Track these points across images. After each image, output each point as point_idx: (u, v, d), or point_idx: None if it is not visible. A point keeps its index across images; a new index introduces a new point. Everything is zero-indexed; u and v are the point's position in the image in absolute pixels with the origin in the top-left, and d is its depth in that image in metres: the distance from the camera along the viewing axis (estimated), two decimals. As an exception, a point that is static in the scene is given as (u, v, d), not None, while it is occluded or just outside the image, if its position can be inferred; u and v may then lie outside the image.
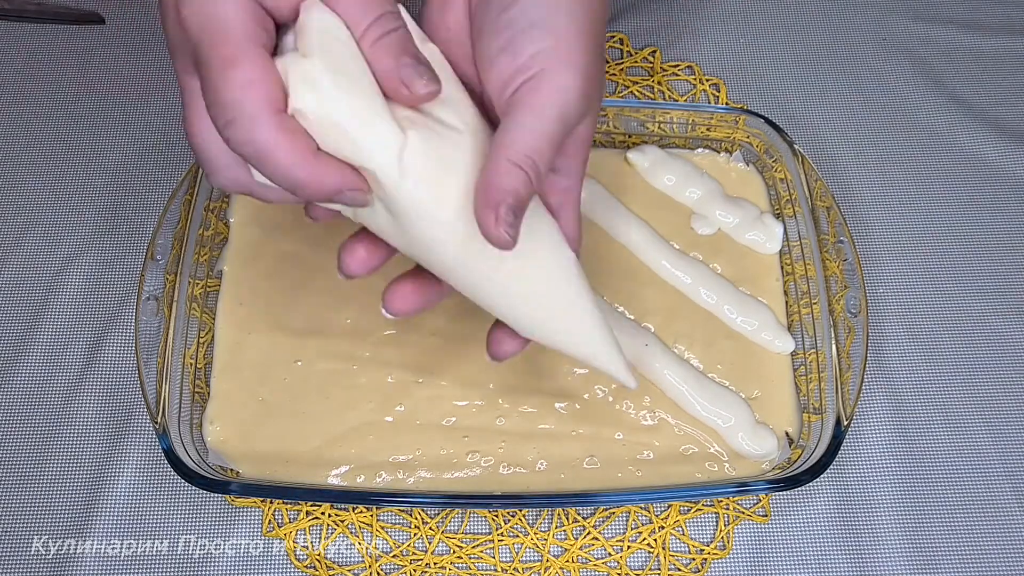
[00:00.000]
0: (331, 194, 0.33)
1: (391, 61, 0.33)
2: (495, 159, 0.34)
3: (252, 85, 0.31)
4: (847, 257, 0.52)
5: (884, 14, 0.69)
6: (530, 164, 0.34)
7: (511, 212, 0.33)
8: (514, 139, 0.34)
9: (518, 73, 0.35)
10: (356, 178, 0.33)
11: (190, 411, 0.51)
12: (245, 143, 0.31)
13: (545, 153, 0.35)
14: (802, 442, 0.52)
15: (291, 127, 0.32)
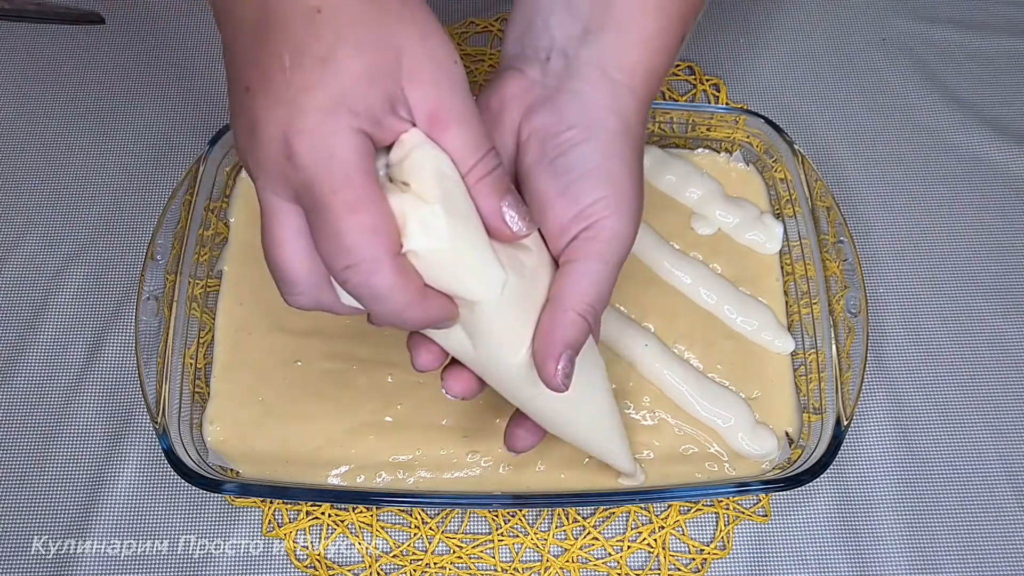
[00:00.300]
0: (430, 325, 0.35)
1: (495, 201, 0.34)
2: (561, 309, 0.37)
3: (376, 232, 0.31)
4: (847, 257, 0.52)
5: (884, 14, 0.69)
6: (592, 313, 0.37)
7: (569, 362, 0.36)
8: (578, 289, 0.37)
9: (578, 220, 0.37)
10: (455, 309, 0.35)
11: (190, 411, 0.51)
12: (363, 286, 0.32)
13: (605, 299, 0.38)
14: (802, 442, 0.52)
15: (406, 269, 0.33)
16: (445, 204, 0.33)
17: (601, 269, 0.37)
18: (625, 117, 0.38)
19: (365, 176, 0.31)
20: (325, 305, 0.35)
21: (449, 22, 0.66)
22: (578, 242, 0.37)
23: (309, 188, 0.31)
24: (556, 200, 0.37)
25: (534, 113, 0.39)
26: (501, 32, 0.66)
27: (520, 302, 0.36)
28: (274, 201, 0.33)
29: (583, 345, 0.37)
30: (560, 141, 0.38)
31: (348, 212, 0.31)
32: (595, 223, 0.37)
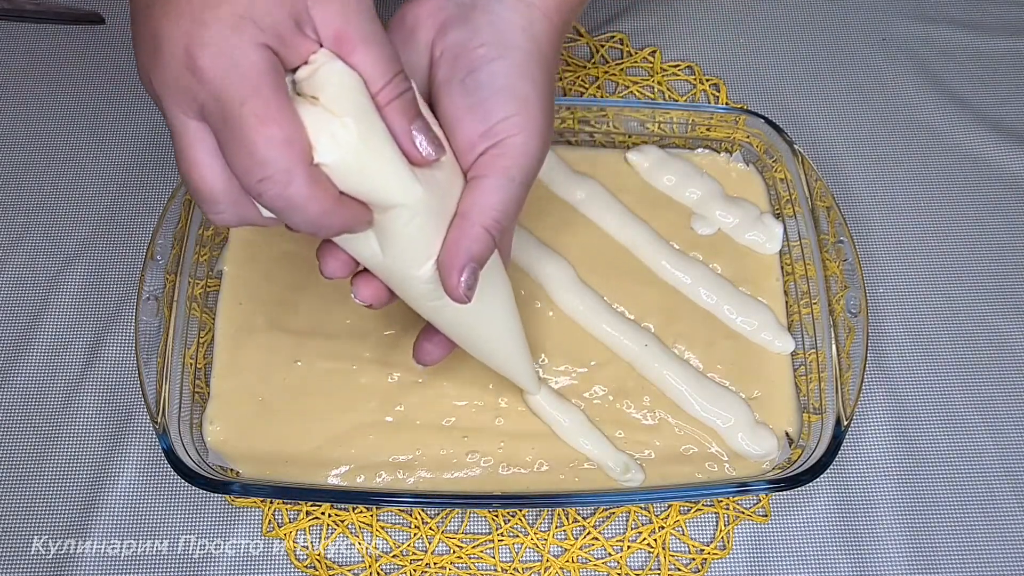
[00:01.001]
0: (346, 230, 0.36)
1: (404, 123, 0.35)
2: (468, 223, 0.37)
3: (288, 144, 0.32)
4: (847, 257, 0.52)
5: (884, 14, 0.69)
6: (497, 228, 0.38)
7: (472, 274, 0.37)
8: (485, 204, 0.38)
9: (486, 137, 0.38)
10: (370, 214, 0.36)
11: (190, 411, 0.51)
12: (278, 198, 0.32)
13: (512, 215, 0.39)
14: (802, 442, 0.52)
15: (319, 179, 0.33)
16: (355, 116, 0.33)
17: (507, 185, 0.38)
18: (537, 39, 0.39)
19: (273, 88, 0.32)
20: (248, 219, 0.35)
21: (449, 22, 0.66)
22: (486, 158, 0.38)
23: (217, 100, 0.31)
24: (466, 116, 0.38)
25: (448, 30, 0.39)
26: (501, 32, 0.66)
27: (430, 214, 0.37)
28: (182, 120, 0.33)
29: (488, 259, 0.38)
30: (472, 58, 0.38)
31: (258, 124, 0.31)
32: (503, 140, 0.38)
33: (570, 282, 0.56)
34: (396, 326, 0.54)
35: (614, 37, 0.66)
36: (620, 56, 0.66)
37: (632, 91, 0.64)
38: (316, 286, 0.55)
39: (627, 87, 0.65)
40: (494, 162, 0.38)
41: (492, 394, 0.53)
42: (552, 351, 0.54)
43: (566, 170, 0.59)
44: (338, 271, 0.39)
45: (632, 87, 0.65)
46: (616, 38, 0.66)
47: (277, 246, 0.56)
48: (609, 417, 0.53)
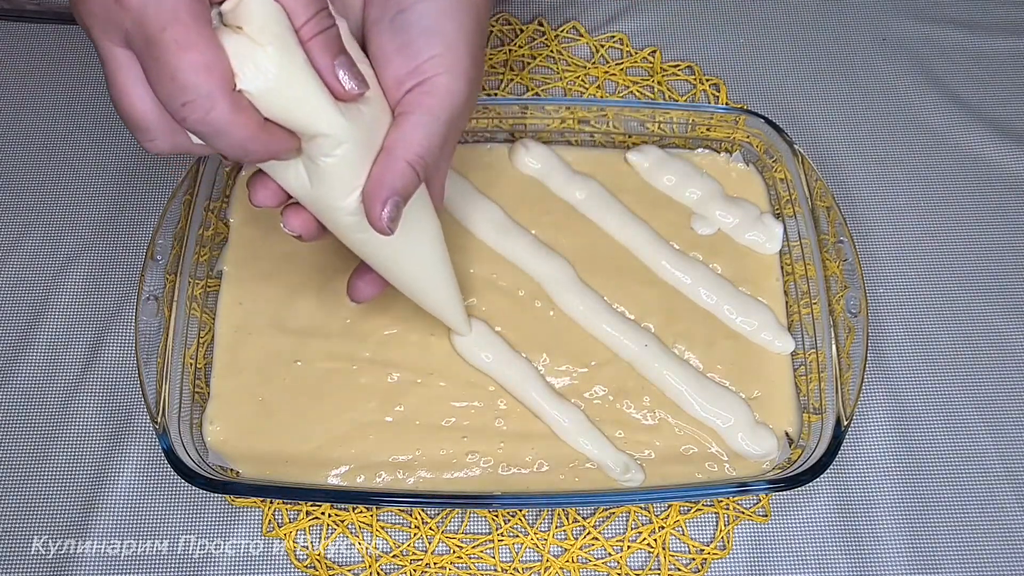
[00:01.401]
0: (273, 156, 0.36)
1: (327, 59, 0.36)
2: (392, 158, 0.39)
3: (209, 69, 0.32)
4: (847, 257, 0.52)
5: (884, 14, 0.69)
6: (421, 164, 0.39)
7: (395, 207, 0.38)
8: (410, 140, 0.39)
9: (412, 75, 0.39)
10: (297, 141, 0.37)
11: (190, 411, 0.51)
12: (202, 122, 0.33)
13: (435, 153, 0.40)
14: (802, 442, 0.52)
15: (243, 104, 0.34)
16: (278, 45, 0.34)
17: (432, 122, 0.39)
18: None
19: (194, 15, 0.32)
20: (181, 147, 0.36)
21: (449, 22, 0.66)
22: (412, 96, 0.39)
23: (139, 27, 0.32)
24: (394, 55, 0.39)
25: None
26: (501, 32, 0.66)
27: (356, 147, 0.38)
28: (109, 48, 0.34)
29: (412, 194, 0.39)
30: None
31: (179, 50, 0.32)
32: (429, 79, 0.39)
33: (570, 282, 0.56)
34: (396, 326, 0.54)
35: (614, 37, 0.66)
36: (620, 56, 0.66)
37: (632, 91, 0.65)
38: (316, 286, 0.55)
39: (627, 87, 0.65)
40: (420, 100, 0.39)
41: (492, 395, 0.53)
42: (552, 351, 0.54)
43: (566, 170, 0.59)
44: (267, 200, 0.40)
45: (632, 87, 0.65)
46: (616, 38, 0.66)
47: (277, 246, 0.56)
48: (609, 417, 0.53)
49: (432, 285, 0.48)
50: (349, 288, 0.49)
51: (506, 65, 0.65)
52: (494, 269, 0.56)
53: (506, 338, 0.54)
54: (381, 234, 0.39)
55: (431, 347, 0.54)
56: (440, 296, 0.48)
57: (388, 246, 0.43)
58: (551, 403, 0.52)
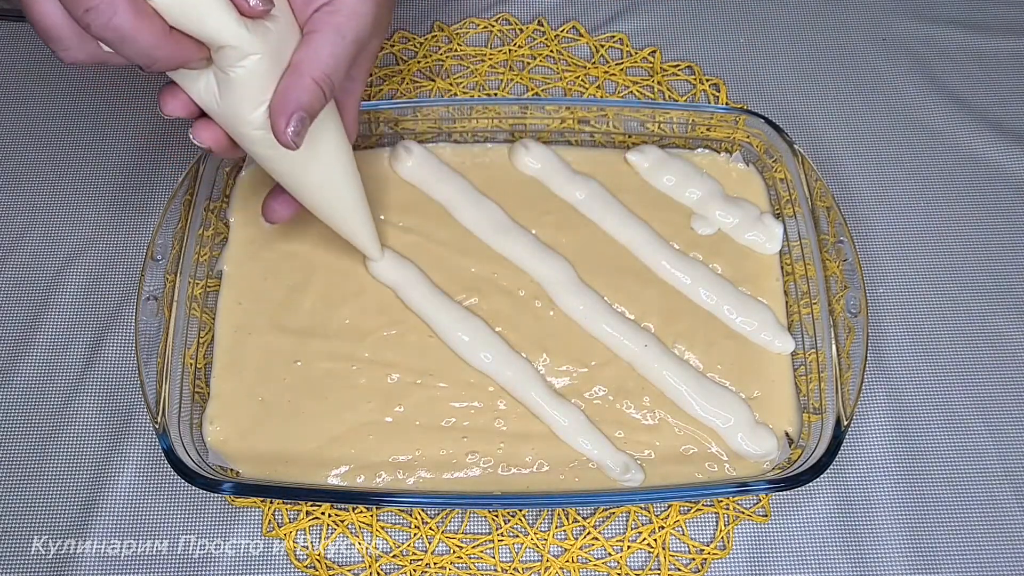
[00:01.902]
0: (181, 64, 0.38)
1: None
2: (298, 74, 0.40)
3: None
4: (847, 257, 0.52)
5: (884, 14, 0.69)
6: (327, 82, 0.40)
7: (300, 122, 0.40)
8: (316, 58, 0.40)
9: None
10: (205, 50, 0.38)
11: (190, 411, 0.51)
12: (106, 28, 0.34)
13: (341, 71, 0.41)
14: (802, 442, 0.52)
15: (146, 11, 0.35)
16: None
17: (339, 41, 0.40)
18: None
19: None
20: (97, 56, 0.37)
21: (449, 22, 0.66)
22: (320, 15, 0.40)
23: None
24: None
25: None
26: (501, 32, 0.66)
27: (264, 62, 0.39)
28: None
29: (318, 111, 0.40)
30: None
31: None
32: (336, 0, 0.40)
33: (570, 282, 0.56)
34: (396, 326, 0.54)
35: (614, 37, 0.66)
36: (620, 56, 0.66)
37: (632, 91, 0.65)
38: (316, 286, 0.55)
39: (627, 87, 0.65)
40: (327, 19, 0.40)
41: (491, 395, 0.53)
42: (552, 351, 0.54)
43: (566, 170, 0.59)
44: (177, 110, 0.41)
45: (632, 87, 0.65)
46: (616, 38, 0.66)
47: (277, 246, 0.56)
48: (609, 417, 0.53)
49: (341, 207, 0.49)
50: (264, 208, 0.50)
51: (506, 65, 0.65)
52: (494, 269, 0.56)
53: (506, 338, 0.54)
54: (286, 148, 0.40)
55: (431, 347, 0.54)
56: (350, 218, 0.49)
57: (296, 164, 0.44)
58: (551, 403, 0.52)
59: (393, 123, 0.58)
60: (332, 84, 0.41)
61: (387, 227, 0.57)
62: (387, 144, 0.59)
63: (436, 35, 0.66)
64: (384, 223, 0.57)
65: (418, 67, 0.64)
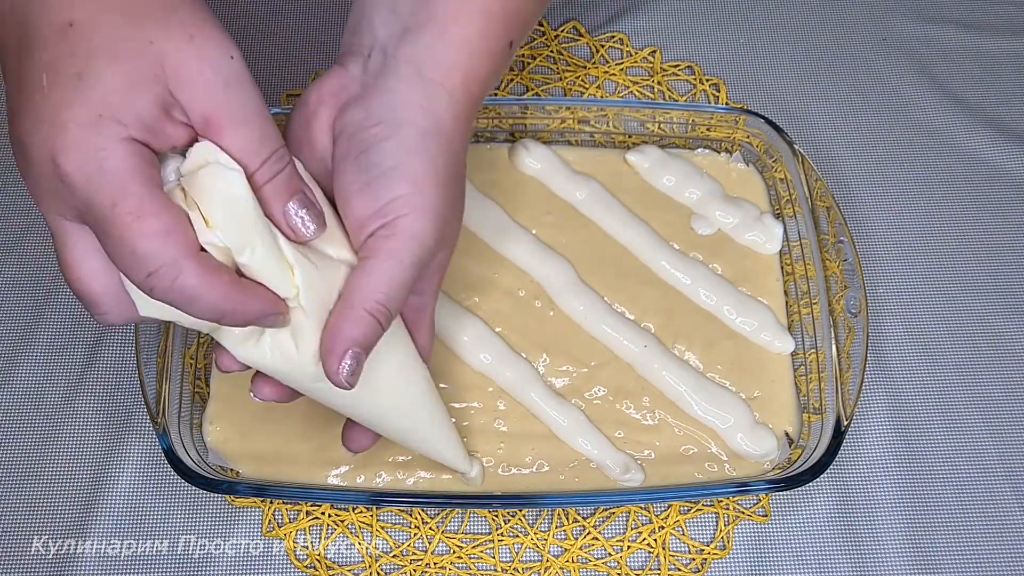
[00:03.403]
0: (256, 319, 0.35)
1: (281, 204, 0.35)
2: (349, 305, 0.36)
3: (169, 235, 0.31)
4: (847, 257, 0.52)
5: (884, 14, 0.69)
6: (382, 312, 0.36)
7: (355, 359, 0.36)
8: (369, 286, 0.36)
9: (376, 217, 0.37)
10: (277, 300, 0.35)
11: (190, 411, 0.51)
12: (171, 291, 0.32)
13: (398, 299, 0.37)
14: (802, 442, 0.52)
15: (212, 265, 0.33)
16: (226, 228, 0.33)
17: (395, 267, 0.37)
18: (437, 117, 0.38)
19: (144, 183, 0.31)
20: (136, 318, 0.35)
21: (449, 22, 0.66)
22: (375, 239, 0.37)
23: (89, 206, 0.31)
24: (357, 195, 0.37)
25: (348, 108, 0.38)
26: (501, 32, 0.66)
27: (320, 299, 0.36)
28: (60, 223, 0.33)
29: (373, 344, 0.37)
30: (366, 136, 0.37)
31: (134, 221, 0.31)
32: (393, 221, 0.37)
33: (570, 282, 0.56)
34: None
35: (614, 37, 0.66)
36: (620, 56, 0.66)
37: (632, 91, 0.65)
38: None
39: (627, 87, 0.65)
40: (383, 243, 0.37)
41: (491, 396, 0.53)
42: (552, 351, 0.54)
43: (566, 170, 0.59)
44: (233, 364, 0.38)
45: (632, 87, 0.65)
46: (616, 38, 0.66)
47: (277, 246, 0.56)
48: (609, 417, 0.53)
49: (419, 431, 0.45)
50: (344, 438, 0.46)
51: (506, 65, 0.65)
52: (494, 269, 0.56)
53: (506, 338, 0.54)
54: (339, 388, 0.36)
55: (431, 347, 0.54)
56: (431, 439, 0.46)
57: (359, 398, 0.41)
58: (551, 403, 0.52)
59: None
60: (389, 314, 0.37)
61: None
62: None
63: (436, 35, 0.66)
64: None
65: (418, 67, 0.64)
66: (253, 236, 0.34)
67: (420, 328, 0.43)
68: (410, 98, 0.38)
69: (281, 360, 0.37)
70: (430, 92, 0.38)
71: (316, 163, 0.39)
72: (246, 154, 0.33)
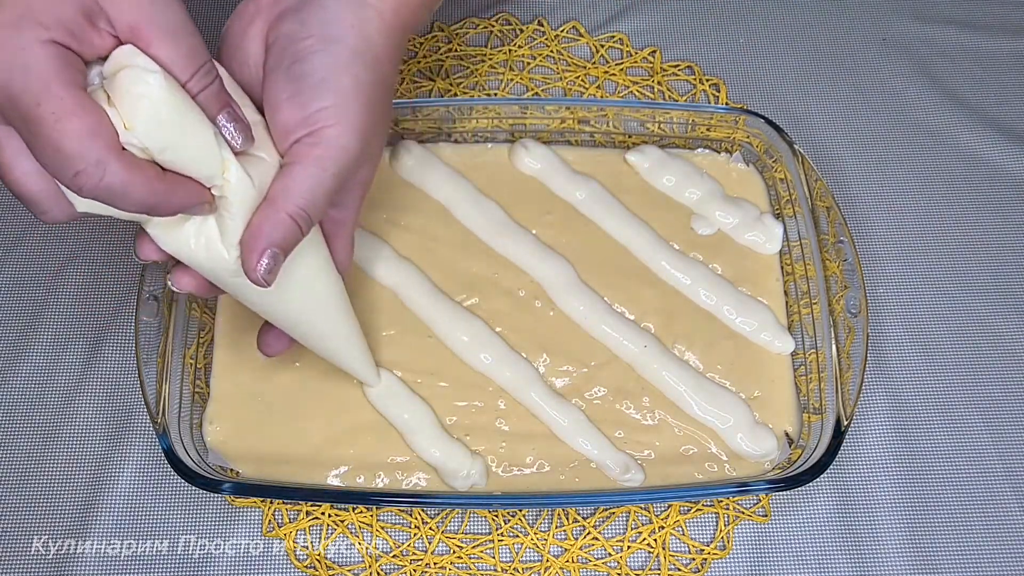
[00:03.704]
0: (182, 209, 0.36)
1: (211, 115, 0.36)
2: (272, 207, 0.38)
3: (93, 134, 0.32)
4: (847, 257, 0.52)
5: (884, 14, 0.69)
6: (303, 217, 0.38)
7: (273, 259, 0.37)
8: (292, 190, 0.38)
9: (303, 125, 0.38)
10: (202, 191, 0.36)
11: (190, 411, 0.51)
12: (98, 188, 0.33)
13: (319, 206, 0.39)
14: (802, 442, 0.52)
15: (135, 162, 0.33)
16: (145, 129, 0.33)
17: (318, 174, 0.38)
18: (367, 37, 0.40)
19: (66, 85, 0.32)
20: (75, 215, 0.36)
21: (449, 22, 0.66)
22: (300, 146, 0.38)
23: (12, 104, 0.32)
24: (286, 104, 0.38)
25: (283, 19, 0.39)
26: (501, 32, 0.66)
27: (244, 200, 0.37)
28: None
29: (292, 246, 0.38)
30: (299, 48, 0.39)
31: (58, 121, 0.31)
32: (319, 130, 0.38)
33: (570, 282, 0.56)
34: (396, 326, 0.54)
35: (614, 37, 0.66)
36: (620, 56, 0.66)
37: (632, 91, 0.64)
38: (316, 286, 0.55)
39: (627, 87, 0.65)
40: (308, 150, 0.38)
41: (492, 395, 0.53)
42: (552, 351, 0.54)
43: (566, 170, 0.59)
44: (153, 253, 0.39)
45: (632, 87, 0.65)
46: (616, 38, 0.66)
47: (277, 246, 0.56)
48: (609, 417, 0.53)
49: (330, 340, 0.47)
50: (259, 343, 0.48)
51: (506, 65, 0.65)
52: (494, 269, 0.56)
53: (506, 338, 0.54)
54: (256, 285, 0.38)
55: (430, 348, 0.54)
56: (342, 349, 0.48)
57: (274, 299, 0.42)
58: (551, 403, 0.52)
59: (393, 123, 0.58)
60: (309, 219, 0.38)
61: (387, 226, 0.57)
62: (387, 144, 0.59)
63: (436, 35, 0.66)
64: (384, 222, 0.57)
65: (418, 67, 0.64)
66: (174, 135, 0.34)
67: (339, 240, 0.44)
68: (343, 16, 0.39)
69: (203, 251, 0.38)
70: (363, 14, 0.40)
71: (248, 70, 0.40)
72: (174, 67, 0.34)
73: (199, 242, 0.38)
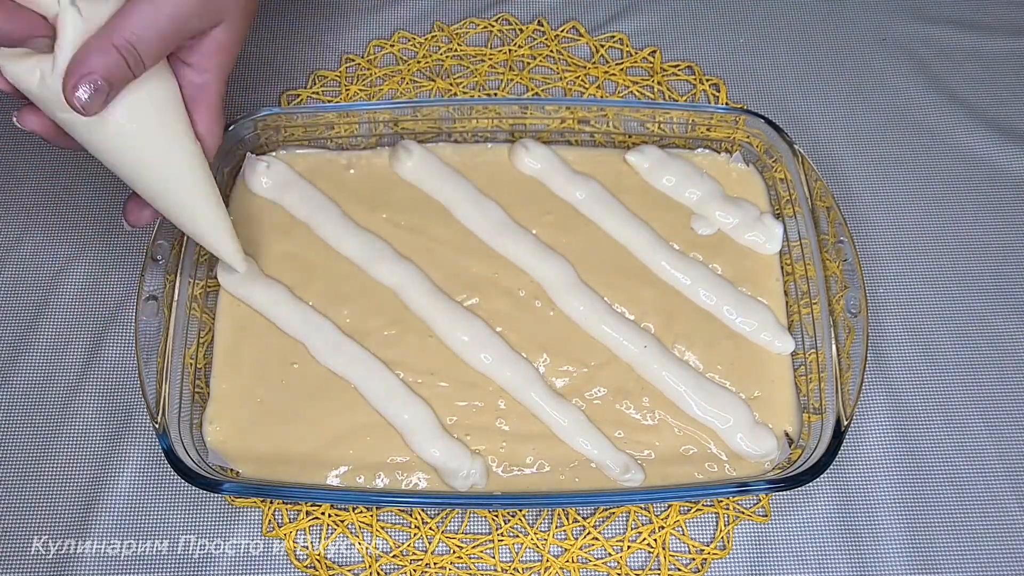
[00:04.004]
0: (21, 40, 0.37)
1: None
2: (98, 37, 0.38)
3: None
4: (847, 257, 0.52)
5: (884, 14, 0.69)
6: (129, 50, 0.38)
7: (93, 86, 0.38)
8: (123, 23, 0.38)
9: None
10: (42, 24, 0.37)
11: (190, 411, 0.51)
12: None
13: (150, 43, 0.39)
14: (802, 442, 0.52)
15: None
16: None
17: (151, 12, 0.38)
18: None
19: None
20: None
21: (449, 22, 0.66)
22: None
23: None
24: None
25: None
26: (501, 32, 0.66)
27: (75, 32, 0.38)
28: None
29: (117, 79, 0.38)
30: None
31: None
32: None
33: (570, 282, 0.56)
34: (396, 326, 0.54)
35: (614, 37, 0.66)
36: (620, 56, 0.66)
37: (632, 91, 0.64)
38: (316, 286, 0.55)
39: (627, 87, 0.65)
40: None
41: (492, 395, 0.53)
42: (552, 351, 0.54)
43: (566, 170, 0.59)
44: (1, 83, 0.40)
45: (632, 87, 0.65)
46: (616, 38, 0.66)
47: (276, 246, 0.56)
48: (609, 417, 0.53)
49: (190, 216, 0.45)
50: (124, 210, 0.47)
51: (506, 65, 0.65)
52: (494, 269, 0.56)
53: (506, 338, 0.54)
54: (76, 112, 0.38)
55: (431, 347, 0.54)
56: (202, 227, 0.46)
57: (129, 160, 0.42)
58: (551, 403, 0.52)
59: (393, 123, 0.58)
60: (138, 55, 0.38)
61: (388, 226, 0.57)
62: (387, 144, 0.59)
63: (436, 35, 0.66)
64: (384, 222, 0.57)
65: (418, 67, 0.64)
66: None
67: (200, 108, 0.44)
68: None
69: (39, 81, 0.39)
70: None
71: None
72: None
73: (34, 74, 0.38)
